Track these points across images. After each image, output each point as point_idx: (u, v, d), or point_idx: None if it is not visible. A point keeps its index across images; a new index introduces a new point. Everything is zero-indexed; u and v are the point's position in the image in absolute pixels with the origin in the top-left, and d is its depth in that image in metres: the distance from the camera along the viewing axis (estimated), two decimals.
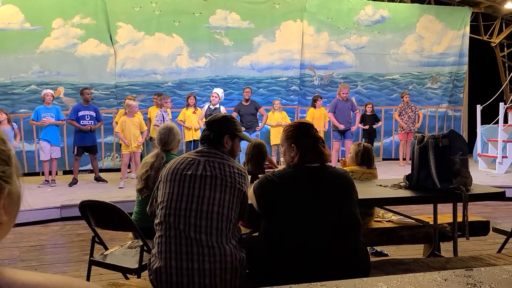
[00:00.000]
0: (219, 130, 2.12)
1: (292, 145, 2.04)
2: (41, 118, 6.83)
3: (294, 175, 1.99)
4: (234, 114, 7.76)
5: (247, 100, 7.88)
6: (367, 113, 8.82)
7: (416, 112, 8.89)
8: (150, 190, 2.68)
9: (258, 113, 8.02)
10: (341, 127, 7.88)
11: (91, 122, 7.04)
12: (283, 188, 1.97)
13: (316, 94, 8.65)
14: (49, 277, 0.52)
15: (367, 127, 8.77)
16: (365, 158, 3.41)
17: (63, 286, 0.52)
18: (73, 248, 4.27)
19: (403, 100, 8.86)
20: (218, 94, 7.48)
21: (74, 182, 7.01)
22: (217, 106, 7.50)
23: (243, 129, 7.55)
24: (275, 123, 8.25)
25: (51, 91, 7.08)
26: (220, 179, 1.95)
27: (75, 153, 7.05)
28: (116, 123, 7.26)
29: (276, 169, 2.15)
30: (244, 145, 2.73)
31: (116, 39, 8.73)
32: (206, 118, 7.44)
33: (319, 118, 8.13)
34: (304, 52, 9.56)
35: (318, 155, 2.00)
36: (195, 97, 7.76)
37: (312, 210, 1.91)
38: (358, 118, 8.33)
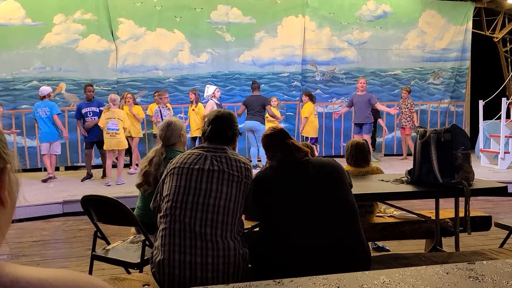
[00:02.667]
0: (234, 129, 2.16)
1: (268, 154, 2.20)
2: (36, 114, 6.87)
3: (283, 172, 2.04)
4: (243, 108, 7.74)
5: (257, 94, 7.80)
6: None
7: (412, 111, 8.83)
8: (150, 186, 2.68)
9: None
10: (392, 110, 8.39)
11: (95, 118, 6.98)
12: (275, 183, 2.02)
13: (306, 90, 8.71)
14: (53, 273, 0.51)
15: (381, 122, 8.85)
16: (359, 157, 3.29)
17: (68, 283, 0.51)
18: (75, 243, 4.29)
19: (402, 97, 8.89)
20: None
21: (87, 177, 7.01)
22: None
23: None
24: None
25: (45, 88, 7.06)
26: (228, 173, 1.95)
27: (84, 147, 7.09)
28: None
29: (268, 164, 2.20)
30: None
31: (117, 34, 8.71)
32: None
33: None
34: (305, 48, 9.52)
35: (294, 151, 2.07)
36: (194, 93, 7.69)
37: (305, 202, 1.93)
38: (382, 107, 8.45)
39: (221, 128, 2.11)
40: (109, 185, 6.38)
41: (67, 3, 8.46)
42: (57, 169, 8.32)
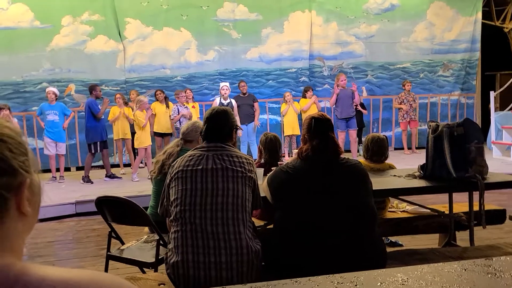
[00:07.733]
0: (231, 125, 2.13)
1: (306, 136, 2.07)
2: (45, 115, 6.88)
3: (308, 167, 2.00)
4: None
5: (244, 93, 7.98)
6: None
7: (414, 101, 8.78)
8: (154, 173, 2.84)
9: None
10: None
11: (103, 117, 7.03)
12: (297, 180, 1.98)
13: (307, 86, 8.70)
14: (78, 273, 0.52)
15: (365, 112, 8.72)
16: (374, 151, 3.23)
17: (93, 283, 0.51)
18: (89, 243, 4.33)
19: (405, 89, 8.78)
20: (228, 87, 7.49)
21: (87, 180, 6.87)
22: (229, 100, 7.49)
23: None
24: (284, 111, 8.38)
25: (53, 89, 7.07)
26: (231, 170, 1.96)
27: (96, 150, 6.86)
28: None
29: (289, 161, 2.16)
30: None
31: (124, 34, 8.75)
32: None
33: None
34: (313, 43, 9.48)
35: (329, 148, 2.02)
36: (191, 91, 7.72)
37: (326, 202, 1.92)
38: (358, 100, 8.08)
39: (217, 126, 2.09)
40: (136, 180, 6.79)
41: (74, 5, 8.51)
42: (68, 169, 8.39)
